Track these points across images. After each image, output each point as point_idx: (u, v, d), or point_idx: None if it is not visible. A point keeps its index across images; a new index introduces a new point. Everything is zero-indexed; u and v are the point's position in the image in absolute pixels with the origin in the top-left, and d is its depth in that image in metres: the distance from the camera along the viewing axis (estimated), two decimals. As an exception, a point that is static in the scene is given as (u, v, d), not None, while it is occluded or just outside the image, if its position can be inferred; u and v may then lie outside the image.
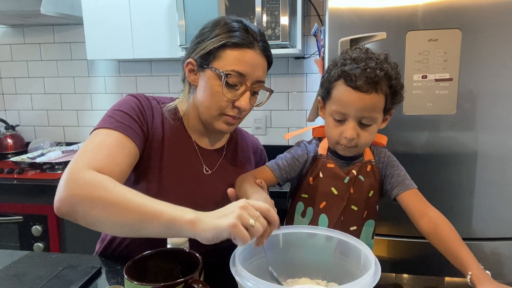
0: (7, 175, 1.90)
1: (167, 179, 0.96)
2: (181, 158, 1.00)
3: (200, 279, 0.69)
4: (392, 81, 0.89)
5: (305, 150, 1.02)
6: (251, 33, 0.93)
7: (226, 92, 0.92)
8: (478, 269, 0.80)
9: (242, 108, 0.94)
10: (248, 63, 0.91)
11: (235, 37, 0.91)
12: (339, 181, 0.98)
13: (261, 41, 0.95)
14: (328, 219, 0.98)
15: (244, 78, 0.92)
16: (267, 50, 0.96)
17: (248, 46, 0.91)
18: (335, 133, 0.93)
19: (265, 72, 0.97)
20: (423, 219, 0.91)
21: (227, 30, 0.92)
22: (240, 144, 1.14)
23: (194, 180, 1.01)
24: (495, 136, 1.33)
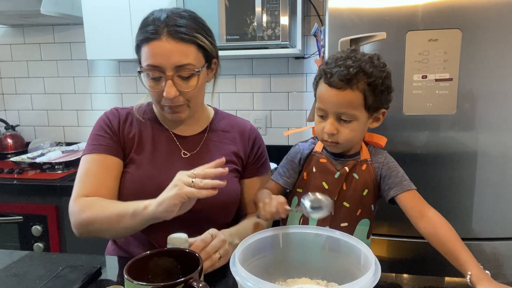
0: (7, 175, 1.90)
1: (145, 168, 1.04)
2: (158, 147, 1.07)
3: (200, 279, 0.69)
4: (371, 79, 0.91)
5: (298, 150, 1.06)
6: (157, 23, 0.95)
7: (153, 86, 0.99)
8: (477, 269, 0.80)
9: (167, 97, 0.97)
10: (157, 54, 0.94)
11: (141, 34, 0.98)
12: (330, 176, 1.00)
13: (169, 25, 0.94)
14: None
15: (161, 69, 0.95)
16: (178, 33, 0.94)
17: (152, 38, 0.94)
18: (318, 129, 0.98)
19: (185, 54, 0.95)
20: (422, 220, 0.91)
21: (139, 28, 1.00)
22: (222, 127, 1.15)
23: (171, 163, 1.05)
24: (495, 136, 1.33)
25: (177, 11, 0.99)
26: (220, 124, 1.16)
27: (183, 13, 0.99)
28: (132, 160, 1.06)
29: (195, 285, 0.65)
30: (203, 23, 1.02)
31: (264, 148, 1.19)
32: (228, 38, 1.78)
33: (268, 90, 2.19)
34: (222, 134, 1.14)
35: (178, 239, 0.83)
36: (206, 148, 1.10)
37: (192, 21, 0.98)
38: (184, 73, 0.97)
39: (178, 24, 0.95)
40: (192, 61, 0.97)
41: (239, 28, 1.76)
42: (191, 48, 0.96)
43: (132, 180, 1.03)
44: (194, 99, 1.03)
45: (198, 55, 0.99)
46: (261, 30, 1.73)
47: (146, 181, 1.02)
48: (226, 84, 2.22)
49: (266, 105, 2.21)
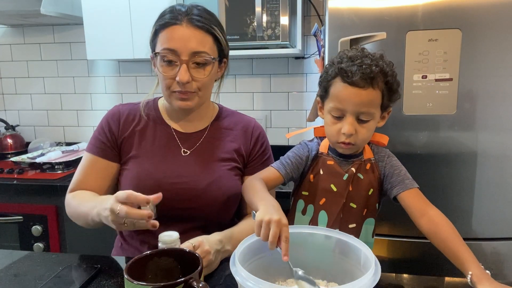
0: (7, 175, 1.89)
1: (144, 165, 1.05)
2: (158, 145, 1.08)
3: (200, 279, 0.69)
4: (388, 78, 0.92)
5: (306, 148, 1.04)
6: (176, 11, 0.98)
7: (166, 70, 0.99)
8: (478, 269, 0.80)
9: (180, 81, 0.98)
10: (175, 38, 0.97)
11: (161, 20, 1.00)
12: (338, 178, 0.98)
13: (189, 14, 0.98)
14: (327, 216, 0.99)
15: (177, 53, 0.97)
16: (198, 21, 0.98)
17: (173, 23, 0.97)
18: (334, 130, 0.95)
19: (202, 42, 0.98)
20: (423, 218, 0.91)
21: (158, 18, 1.02)
22: (225, 124, 1.15)
23: (170, 162, 1.06)
24: (495, 136, 1.33)
25: (196, 5, 1.02)
26: (223, 122, 1.16)
27: (201, 7, 1.02)
28: (132, 157, 1.07)
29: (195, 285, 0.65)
30: (219, 21, 1.06)
31: (268, 146, 1.18)
32: (228, 38, 1.77)
33: (268, 90, 2.19)
34: (224, 132, 1.13)
35: (169, 237, 0.83)
36: (206, 146, 1.10)
37: (210, 15, 1.02)
38: (199, 60, 0.98)
39: (198, 14, 0.99)
40: (208, 50, 0.99)
41: (239, 28, 1.76)
42: (208, 38, 1.00)
43: (131, 177, 1.05)
44: (204, 88, 1.03)
45: (214, 47, 1.01)
46: (261, 30, 1.73)
47: (144, 178, 1.03)
48: (226, 84, 2.20)
49: (266, 105, 2.21)
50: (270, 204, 0.81)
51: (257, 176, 1.00)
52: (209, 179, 1.05)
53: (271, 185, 0.98)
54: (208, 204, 1.03)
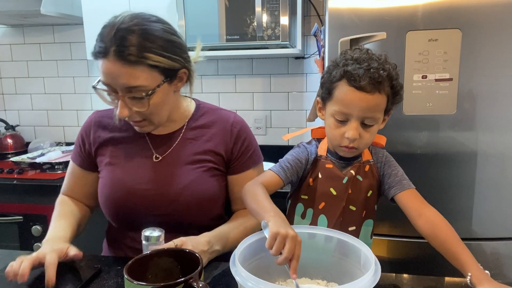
0: (7, 175, 1.89)
1: (116, 173, 1.04)
2: (131, 151, 1.06)
3: (200, 279, 0.69)
4: (393, 82, 0.90)
5: (306, 151, 1.02)
6: (104, 39, 0.89)
7: (111, 101, 0.96)
8: (477, 269, 0.80)
9: (119, 118, 0.95)
10: (106, 73, 0.90)
11: (94, 47, 0.91)
12: (337, 182, 0.98)
13: (117, 44, 0.87)
14: (327, 220, 0.98)
15: (112, 88, 0.91)
16: (125, 54, 0.87)
17: (101, 56, 0.89)
18: (337, 134, 0.93)
19: (133, 77, 0.89)
20: (421, 219, 0.90)
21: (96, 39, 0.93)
22: (201, 123, 1.09)
23: (142, 168, 1.04)
24: (495, 136, 1.33)
25: (132, 22, 0.90)
26: (199, 120, 1.10)
27: (135, 28, 0.89)
28: (106, 165, 1.06)
29: (195, 285, 0.65)
30: (163, 36, 0.93)
31: (251, 140, 1.12)
32: (228, 38, 1.78)
33: (268, 90, 2.19)
34: (200, 131, 1.08)
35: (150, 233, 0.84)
36: (180, 148, 1.06)
37: (146, 37, 0.89)
38: (136, 94, 0.91)
39: (126, 43, 0.87)
40: (143, 83, 0.90)
41: (239, 28, 1.76)
42: (141, 70, 0.89)
43: (103, 186, 1.05)
44: (154, 115, 0.97)
45: (152, 75, 0.91)
46: (261, 30, 1.73)
47: (116, 187, 1.03)
48: (226, 84, 2.22)
49: (266, 105, 2.21)
50: (279, 217, 0.79)
51: (257, 181, 0.96)
52: (181, 184, 1.01)
53: (271, 189, 0.95)
54: (183, 209, 1.01)
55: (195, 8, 1.77)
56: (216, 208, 1.08)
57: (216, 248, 0.95)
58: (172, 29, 0.97)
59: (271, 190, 0.94)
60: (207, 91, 2.24)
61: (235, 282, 0.69)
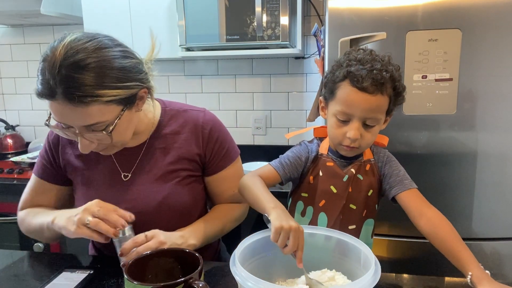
0: (7, 175, 1.89)
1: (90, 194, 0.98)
2: (99, 170, 1.01)
3: (200, 279, 0.69)
4: (396, 83, 0.91)
5: (306, 149, 1.03)
6: (48, 82, 0.78)
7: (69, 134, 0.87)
8: (478, 269, 0.80)
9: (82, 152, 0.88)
10: (58, 114, 0.82)
11: (37, 84, 0.82)
12: (338, 180, 0.98)
13: (62, 85, 0.77)
14: (327, 218, 0.99)
15: (68, 125, 0.84)
16: (74, 96, 0.77)
17: (48, 97, 0.80)
18: (338, 133, 0.93)
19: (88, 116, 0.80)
20: (422, 219, 0.91)
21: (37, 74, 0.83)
22: (169, 130, 1.03)
23: (114, 188, 0.99)
24: (495, 136, 1.33)
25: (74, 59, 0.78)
26: (168, 127, 1.03)
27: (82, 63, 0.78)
28: (78, 186, 1.03)
29: (195, 285, 0.65)
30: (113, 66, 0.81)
31: (224, 137, 1.07)
32: (228, 38, 1.78)
33: (268, 90, 2.19)
34: (170, 138, 1.02)
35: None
36: (147, 162, 1.00)
37: (96, 74, 0.79)
38: (95, 129, 0.84)
39: (74, 84, 0.77)
40: (100, 119, 0.82)
41: (239, 28, 1.76)
42: (96, 107, 0.80)
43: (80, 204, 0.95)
44: (118, 142, 0.91)
45: (109, 109, 0.82)
46: (261, 30, 1.73)
47: None
48: (226, 84, 2.22)
49: (266, 105, 2.21)
50: (281, 208, 0.81)
51: (254, 173, 0.97)
52: (156, 200, 0.98)
53: (268, 184, 0.96)
54: (163, 225, 0.93)
55: (195, 8, 1.77)
56: (197, 213, 1.07)
57: (191, 242, 0.92)
58: (123, 51, 0.87)
59: (268, 184, 0.95)
60: (207, 91, 2.24)
61: (235, 282, 0.69)
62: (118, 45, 0.87)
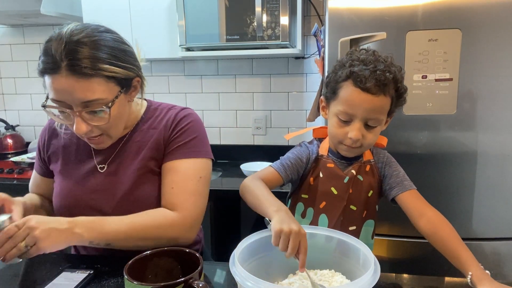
0: (7, 175, 1.90)
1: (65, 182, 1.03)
2: (75, 159, 1.04)
3: (200, 279, 0.69)
4: (398, 84, 0.91)
5: (307, 150, 1.02)
6: (52, 55, 0.84)
7: (64, 119, 0.91)
8: (478, 269, 0.80)
9: (78, 134, 0.91)
10: (59, 90, 0.84)
11: (41, 63, 0.87)
12: (338, 181, 0.98)
13: (68, 57, 0.82)
14: (328, 219, 0.98)
15: (67, 104, 0.86)
16: (79, 67, 0.82)
17: (51, 72, 0.85)
18: (339, 133, 0.93)
19: (90, 90, 0.84)
20: (422, 219, 0.91)
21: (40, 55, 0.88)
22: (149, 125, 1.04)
23: (89, 177, 1.01)
24: (495, 136, 1.33)
25: (81, 34, 0.84)
26: (147, 122, 1.04)
27: (86, 39, 0.84)
28: (57, 174, 1.06)
29: (195, 285, 0.65)
30: (114, 46, 0.88)
31: (193, 131, 1.02)
32: (228, 38, 1.78)
33: (268, 90, 2.19)
34: (147, 132, 1.03)
35: None
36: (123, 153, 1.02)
37: (98, 49, 0.85)
38: (94, 107, 0.87)
39: (79, 56, 0.82)
40: (100, 95, 0.86)
41: (239, 28, 1.76)
42: (98, 82, 0.85)
43: (56, 195, 1.04)
44: (112, 129, 0.94)
45: (108, 86, 0.87)
46: (261, 30, 1.73)
47: (65, 196, 1.01)
48: (226, 84, 2.22)
49: (266, 105, 2.21)
50: (283, 211, 0.80)
51: (256, 176, 0.97)
52: (126, 187, 0.98)
53: (270, 186, 0.96)
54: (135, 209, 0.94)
55: (195, 8, 1.78)
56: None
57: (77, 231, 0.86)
58: (121, 38, 0.93)
59: (270, 187, 0.95)
60: (207, 91, 2.24)
61: (235, 282, 0.69)
62: (115, 33, 0.93)
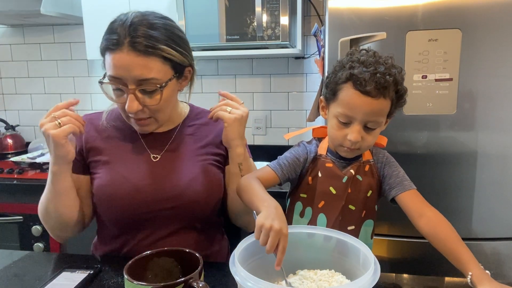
0: (7, 175, 1.89)
1: (117, 171, 1.01)
2: (127, 150, 1.04)
3: (200, 279, 0.69)
4: (398, 86, 0.90)
5: (305, 150, 1.02)
6: (117, 31, 0.89)
7: (117, 96, 0.95)
8: (478, 269, 0.80)
9: (128, 112, 0.93)
10: (117, 66, 0.89)
11: (104, 41, 0.92)
12: (337, 181, 0.98)
13: (131, 35, 0.88)
14: (326, 219, 0.98)
15: (122, 81, 0.90)
16: (140, 45, 0.88)
17: (113, 49, 0.89)
18: (339, 135, 0.93)
19: (147, 68, 0.89)
20: (422, 219, 0.91)
21: (104, 34, 0.93)
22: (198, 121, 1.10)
23: (142, 166, 1.02)
24: (495, 136, 1.33)
25: (144, 17, 0.92)
26: (196, 119, 1.11)
27: (150, 20, 0.92)
28: (101, 164, 1.02)
29: (195, 285, 0.65)
30: (173, 31, 0.95)
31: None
32: (228, 38, 1.78)
33: (268, 90, 2.19)
34: (199, 127, 1.09)
35: None
36: (178, 145, 1.05)
37: (159, 31, 0.91)
38: (148, 87, 0.91)
39: (142, 34, 0.88)
40: (156, 75, 0.90)
41: (239, 28, 1.76)
42: (155, 61, 0.90)
43: (104, 185, 1.00)
44: (160, 112, 0.97)
45: (164, 68, 0.92)
46: (261, 30, 1.73)
47: (119, 184, 0.99)
48: (226, 84, 2.22)
49: (266, 105, 2.21)
50: (272, 207, 0.80)
51: (252, 175, 0.97)
52: (188, 176, 1.01)
53: (267, 185, 0.96)
54: (191, 201, 0.99)
55: (195, 8, 1.78)
56: (219, 201, 1.07)
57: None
58: (178, 26, 0.99)
59: (266, 186, 0.95)
60: (207, 91, 2.24)
61: (235, 282, 0.69)
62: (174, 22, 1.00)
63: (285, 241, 0.75)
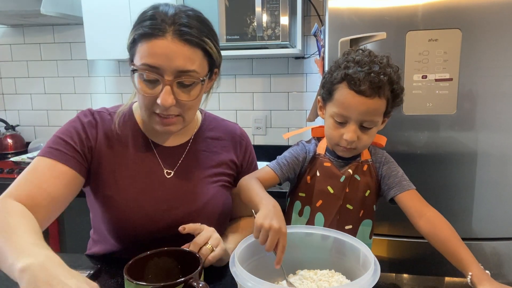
0: (7, 175, 1.90)
1: (129, 193, 0.92)
2: (139, 166, 0.95)
3: (200, 279, 0.69)
4: (394, 86, 0.90)
5: (304, 149, 1.03)
6: (160, 18, 0.82)
7: (146, 89, 0.85)
8: (478, 269, 0.80)
9: (162, 105, 0.84)
10: (158, 54, 0.81)
11: (142, 28, 0.83)
12: (335, 180, 0.98)
13: (176, 23, 0.82)
14: (324, 218, 0.99)
15: (160, 71, 0.82)
16: (187, 34, 0.82)
17: (156, 35, 0.81)
18: (335, 135, 0.93)
19: (190, 59, 0.83)
20: (422, 219, 0.91)
21: (137, 22, 0.86)
22: (212, 134, 1.05)
23: (156, 186, 0.95)
24: (495, 136, 1.33)
25: (184, 8, 0.87)
26: (209, 131, 1.05)
27: (191, 13, 0.86)
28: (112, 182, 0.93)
29: (195, 285, 0.65)
30: (211, 27, 0.91)
31: (254, 153, 1.12)
32: (228, 38, 1.78)
33: (268, 90, 2.19)
34: (211, 142, 1.04)
35: None
36: (191, 161, 1.00)
37: (201, 23, 0.86)
38: (186, 80, 0.85)
39: (187, 24, 0.83)
40: (197, 68, 0.84)
41: (239, 28, 1.76)
42: (198, 54, 0.85)
43: (117, 207, 0.92)
44: (190, 111, 0.91)
45: (203, 63, 0.87)
46: (261, 30, 1.73)
47: (132, 210, 0.92)
48: (226, 84, 2.22)
49: (266, 105, 2.21)
50: (271, 205, 0.81)
51: (252, 176, 0.98)
52: (202, 200, 0.97)
53: (266, 185, 0.97)
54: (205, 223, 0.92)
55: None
56: (227, 221, 1.08)
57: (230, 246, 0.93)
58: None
59: (266, 186, 0.96)
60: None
61: (235, 282, 0.69)
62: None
63: (285, 240, 0.75)
